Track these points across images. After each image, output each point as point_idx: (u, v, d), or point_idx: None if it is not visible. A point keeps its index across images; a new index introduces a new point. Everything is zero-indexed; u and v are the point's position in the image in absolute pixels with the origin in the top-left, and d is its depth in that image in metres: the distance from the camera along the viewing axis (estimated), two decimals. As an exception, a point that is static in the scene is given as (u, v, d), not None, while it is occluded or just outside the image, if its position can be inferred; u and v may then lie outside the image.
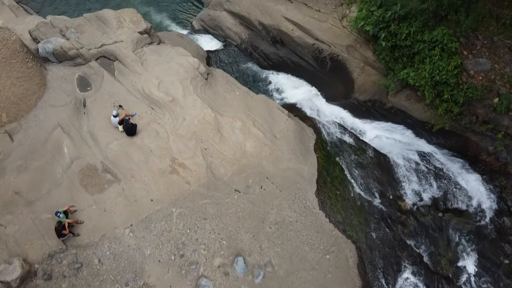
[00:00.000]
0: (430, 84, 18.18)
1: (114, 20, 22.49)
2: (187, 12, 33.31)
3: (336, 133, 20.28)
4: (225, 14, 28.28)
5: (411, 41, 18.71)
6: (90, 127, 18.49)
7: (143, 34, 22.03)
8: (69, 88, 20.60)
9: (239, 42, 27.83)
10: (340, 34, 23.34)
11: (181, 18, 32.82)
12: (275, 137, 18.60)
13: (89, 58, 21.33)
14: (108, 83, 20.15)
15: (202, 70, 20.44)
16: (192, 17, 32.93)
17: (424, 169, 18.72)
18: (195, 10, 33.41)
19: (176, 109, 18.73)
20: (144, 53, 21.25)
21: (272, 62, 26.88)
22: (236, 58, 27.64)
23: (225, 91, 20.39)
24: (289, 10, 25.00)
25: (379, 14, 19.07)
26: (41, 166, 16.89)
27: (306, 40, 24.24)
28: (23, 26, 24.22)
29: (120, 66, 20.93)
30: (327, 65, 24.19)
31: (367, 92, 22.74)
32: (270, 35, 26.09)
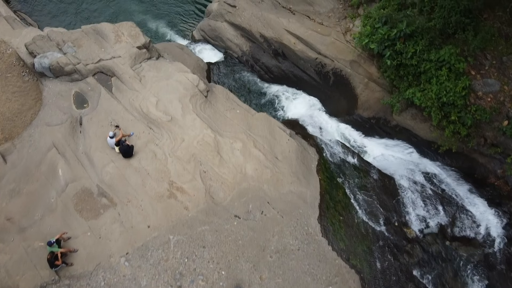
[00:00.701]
0: (437, 106, 17.50)
1: (112, 34, 21.84)
2: (187, 21, 32.67)
3: (339, 153, 19.60)
4: (226, 25, 27.62)
5: (417, 60, 18.02)
6: (86, 148, 17.85)
7: (141, 49, 21.36)
8: (65, 105, 19.96)
9: (240, 54, 27.18)
10: (344, 49, 22.68)
11: (181, 28, 32.17)
12: (276, 159, 17.94)
13: (86, 74, 20.68)
14: (105, 100, 19.50)
15: (201, 88, 19.78)
16: (193, 27, 32.29)
17: (430, 192, 18.04)
18: (196, 20, 32.77)
19: (175, 129, 18.08)
20: (142, 69, 20.59)
21: (273, 75, 26.22)
22: (237, 70, 26.97)
23: (226, 109, 19.73)
24: (291, 23, 24.34)
25: (384, 32, 18.39)
26: (34, 190, 16.26)
27: (308, 54, 23.58)
28: (20, 38, 23.60)
29: (118, 82, 20.28)
30: (330, 80, 23.54)
31: (371, 109, 22.07)
32: (272, 48, 25.44)
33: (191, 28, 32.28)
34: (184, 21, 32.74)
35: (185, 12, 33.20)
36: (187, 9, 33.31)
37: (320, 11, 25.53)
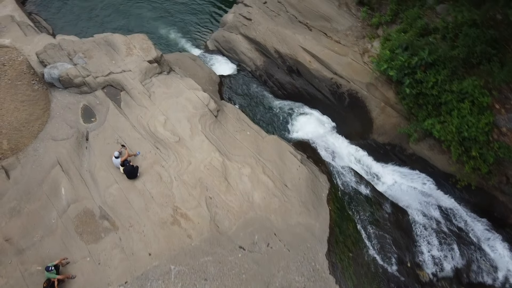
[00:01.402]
0: (457, 140, 16.55)
1: (124, 47, 21.31)
2: (202, 30, 32.06)
3: (351, 181, 18.76)
4: (240, 38, 26.95)
5: (438, 90, 17.10)
6: (91, 166, 17.30)
7: (152, 63, 20.78)
8: (72, 119, 19.47)
9: (253, 68, 26.47)
10: (361, 70, 21.82)
11: (195, 36, 31.57)
12: (285, 186, 17.18)
13: (95, 87, 20.17)
14: (113, 116, 18.95)
15: (212, 107, 19.11)
16: (207, 36, 31.69)
17: (446, 229, 17.10)
18: (210, 29, 32.16)
19: (182, 151, 17.44)
20: (152, 85, 20.00)
21: (287, 92, 25.45)
22: (250, 85, 26.27)
23: (236, 130, 19.03)
24: (307, 40, 23.55)
25: (404, 59, 17.49)
26: (35, 210, 15.74)
27: (323, 74, 22.77)
28: (31, 46, 23.23)
29: (127, 97, 19.72)
30: (345, 101, 22.68)
31: (387, 135, 21.15)
32: (286, 64, 24.67)
33: (205, 38, 31.69)
34: (199, 30, 32.18)
35: (200, 21, 32.65)
36: (202, 18, 32.79)
37: (338, 28, 24.71)
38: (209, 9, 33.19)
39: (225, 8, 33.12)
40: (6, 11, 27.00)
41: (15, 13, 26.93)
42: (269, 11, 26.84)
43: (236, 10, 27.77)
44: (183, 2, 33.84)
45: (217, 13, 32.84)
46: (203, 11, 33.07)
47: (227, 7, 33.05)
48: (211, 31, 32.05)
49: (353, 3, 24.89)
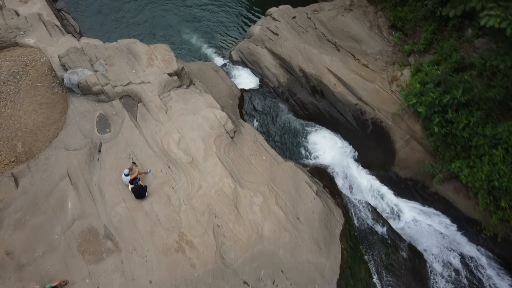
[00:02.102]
0: (486, 189, 15.34)
1: (145, 57, 20.80)
2: (227, 39, 31.36)
3: (367, 218, 17.74)
4: (265, 52, 26.14)
5: (469, 132, 15.90)
6: (100, 180, 16.83)
7: (172, 76, 20.19)
8: (87, 128, 19.07)
9: (276, 85, 25.64)
10: (387, 99, 20.74)
11: (220, 45, 30.91)
12: (298, 220, 16.31)
13: (113, 97, 19.72)
14: (128, 129, 18.45)
15: (229, 128, 18.38)
16: (232, 45, 30.99)
17: (465, 281, 15.92)
18: (236, 38, 31.45)
19: (194, 173, 16.77)
20: (170, 99, 19.42)
21: (308, 112, 24.54)
22: (271, 101, 25.45)
23: (251, 154, 18.25)
24: (334, 62, 22.57)
25: (436, 97, 16.34)
26: (39, 224, 15.34)
27: (348, 99, 21.77)
28: (55, 47, 22.98)
29: (144, 110, 19.20)
30: (368, 128, 21.63)
31: (409, 169, 20.01)
32: (310, 84, 23.76)
33: (230, 46, 31.02)
34: (224, 39, 31.51)
35: (226, 29, 31.97)
36: (229, 26, 32.10)
37: (367, 51, 23.65)
38: (237, 18, 32.54)
39: (254, 19, 32.41)
40: (35, 8, 26.94)
41: (43, 11, 26.84)
42: (297, 26, 25.96)
43: (263, 23, 26.98)
44: (211, 9, 33.31)
45: (245, 23, 32.19)
46: (230, 19, 32.45)
47: (256, 17, 32.34)
48: (236, 40, 31.39)
49: (386, 26, 23.80)
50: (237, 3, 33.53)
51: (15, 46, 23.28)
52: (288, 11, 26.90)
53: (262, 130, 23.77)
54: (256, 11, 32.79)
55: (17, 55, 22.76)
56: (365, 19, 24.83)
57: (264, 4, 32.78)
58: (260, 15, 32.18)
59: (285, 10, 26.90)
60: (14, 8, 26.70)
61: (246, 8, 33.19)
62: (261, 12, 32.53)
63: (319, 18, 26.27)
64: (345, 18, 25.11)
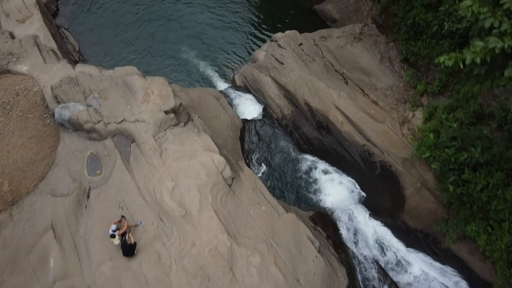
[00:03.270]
0: (506, 260, 13.90)
1: (141, 91, 19.54)
2: (231, 61, 29.88)
3: (373, 279, 16.37)
4: (269, 81, 24.77)
5: (488, 195, 14.44)
6: (87, 232, 15.59)
7: (169, 113, 18.91)
8: (77, 169, 17.86)
9: (280, 116, 24.28)
10: (398, 142, 19.31)
11: (223, 67, 29.51)
12: (298, 282, 14.97)
13: (105, 135, 18.49)
14: (119, 172, 17.20)
15: (227, 175, 17.06)
16: (237, 66, 29.62)
17: None
18: (240, 60, 30.03)
19: (187, 228, 15.48)
20: (166, 140, 18.14)
21: (313, 148, 23.15)
22: (274, 134, 24.09)
23: (250, 203, 16.94)
24: (342, 98, 21.16)
25: (451, 154, 14.89)
26: (18, 286, 14.16)
27: (355, 139, 20.37)
28: (49, 75, 21.85)
29: (137, 151, 17.95)
30: (376, 170, 20.20)
31: (420, 220, 18.57)
32: (316, 119, 22.38)
33: (234, 66, 29.64)
34: (228, 60, 30.07)
35: (231, 50, 30.52)
36: (234, 47, 30.59)
37: (377, 85, 22.22)
38: (244, 36, 30.88)
39: (262, 37, 30.80)
40: (32, 29, 25.79)
41: (40, 32, 25.69)
42: (304, 55, 24.56)
43: (268, 49, 25.58)
44: (216, 26, 31.86)
45: (252, 42, 30.53)
46: (236, 40, 30.96)
47: (264, 36, 30.79)
48: (242, 60, 29.98)
49: (397, 59, 22.34)
50: (244, 20, 32.05)
51: (7, 74, 22.19)
52: (295, 37, 25.50)
53: (264, 169, 22.49)
54: (264, 29, 31.25)
55: (9, 83, 21.65)
56: (376, 50, 23.38)
57: (273, 22, 31.43)
58: (268, 34, 30.74)
59: (292, 36, 25.51)
60: (10, 29, 25.64)
61: (253, 26, 31.64)
62: (269, 30, 31.05)
63: (327, 46, 24.86)
64: (354, 49, 23.68)
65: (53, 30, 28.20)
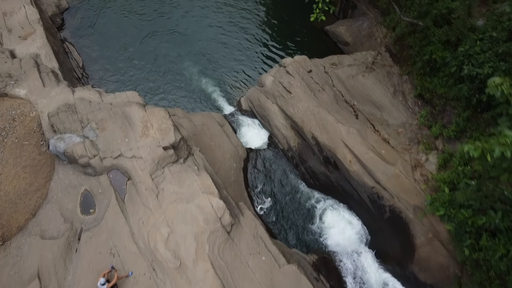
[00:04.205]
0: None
1: (140, 124, 18.56)
2: (238, 82, 28.80)
3: None
4: (276, 109, 23.66)
5: (507, 264, 13.22)
6: (75, 282, 14.65)
7: (168, 149, 17.89)
8: (69, 207, 16.93)
9: (285, 147, 23.16)
10: (409, 188, 18.11)
11: (229, 89, 28.45)
12: None
13: (101, 171, 17.55)
14: (113, 214, 16.24)
15: (226, 221, 16.01)
16: (243, 88, 28.58)
17: None
18: (248, 80, 28.92)
19: (181, 282, 14.45)
20: (163, 179, 17.13)
21: (319, 183, 22.02)
22: (279, 166, 23.02)
23: (249, 253, 15.88)
24: (351, 135, 19.97)
25: (468, 216, 13.67)
26: None
27: (364, 180, 19.18)
28: (47, 100, 20.96)
29: (133, 190, 16.98)
30: (385, 214, 19.02)
31: (430, 273, 17.37)
32: (323, 154, 21.23)
33: (241, 88, 28.62)
34: (234, 81, 29.00)
35: (239, 70, 29.44)
36: (243, 67, 29.43)
37: (389, 121, 21.02)
38: (252, 56, 29.80)
39: (272, 56, 29.67)
40: (34, 47, 24.96)
41: (42, 50, 24.84)
42: (313, 83, 23.43)
43: (276, 75, 24.46)
44: (223, 43, 30.74)
45: (259, 64, 29.50)
46: (244, 58, 29.79)
47: (274, 55, 29.68)
48: (248, 82, 28.96)
49: (411, 94, 21.11)
50: (254, 37, 30.91)
51: (4, 97, 21.34)
52: (304, 63, 24.38)
53: (267, 202, 21.44)
54: (274, 48, 30.08)
55: (5, 108, 20.81)
56: (389, 82, 22.17)
57: (283, 41, 30.31)
58: (278, 52, 29.64)
59: (301, 62, 24.39)
60: (11, 46, 24.83)
61: (263, 44, 30.46)
62: (279, 49, 29.92)
63: (337, 75, 23.71)
64: (366, 80, 22.50)
65: (56, 47, 27.40)
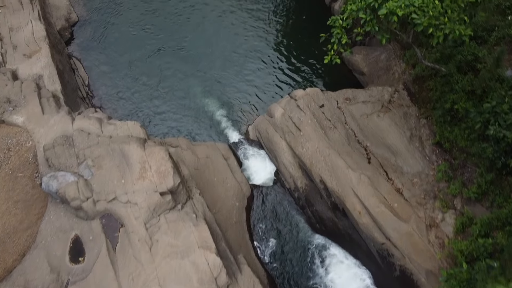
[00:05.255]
0: None
1: (138, 165, 17.48)
2: (247, 106, 27.29)
3: None
4: (284, 145, 22.36)
5: None
6: None
7: (165, 195, 16.75)
8: (58, 254, 15.94)
9: (292, 187, 21.89)
10: (422, 250, 16.71)
11: (238, 115, 27.07)
12: None
13: (93, 216, 16.51)
14: (102, 266, 15.19)
15: (221, 282, 14.81)
16: (252, 113, 27.19)
17: None
18: (258, 105, 27.45)
19: None
20: (158, 228, 16.00)
21: (326, 228, 20.73)
22: (284, 207, 21.81)
23: (245, 317, 14.70)
24: (362, 184, 18.62)
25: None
26: None
27: (374, 234, 17.84)
28: (45, 129, 20.06)
29: (125, 240, 15.90)
30: (394, 272, 17.66)
31: None
32: (331, 200, 19.93)
33: (250, 112, 27.26)
34: (244, 107, 27.61)
35: (249, 94, 28.04)
36: (254, 91, 27.93)
37: (404, 168, 19.59)
38: (265, 80, 28.15)
39: (283, 82, 28.28)
40: (37, 66, 24.08)
41: (45, 71, 23.96)
42: (325, 119, 22.08)
43: (286, 107, 23.12)
44: (233, 62, 29.40)
45: (273, 89, 28.01)
46: (256, 82, 28.20)
47: (285, 82, 28.29)
48: (258, 107, 27.49)
49: (429, 141, 19.64)
50: (268, 57, 29.44)
51: (1, 124, 20.51)
52: (316, 97, 23.04)
53: (270, 246, 20.27)
54: (287, 70, 28.51)
55: (1, 136, 19.98)
56: (405, 125, 20.72)
57: (297, 64, 28.85)
58: (291, 75, 28.14)
59: (313, 96, 23.06)
60: (15, 65, 24.02)
61: (276, 66, 28.86)
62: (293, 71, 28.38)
63: (350, 112, 22.33)
64: (381, 121, 21.08)
65: (62, 65, 26.53)
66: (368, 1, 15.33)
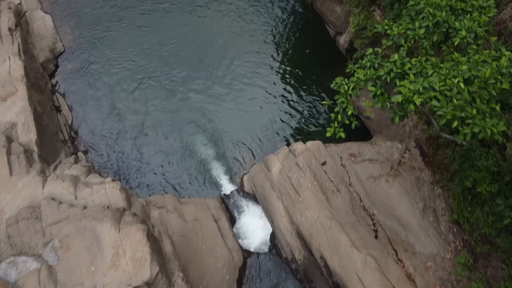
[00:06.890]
0: None
1: (111, 250, 15.10)
2: (243, 156, 24.91)
3: None
4: (281, 209, 19.95)
5: None
6: None
7: (141, 289, 14.47)
8: None
9: (289, 257, 19.50)
10: None
11: (232, 162, 24.69)
12: None
13: (56, 316, 14.22)
14: None
15: None
16: (247, 163, 24.80)
17: None
18: (254, 154, 25.13)
19: None
20: (130, 333, 13.71)
21: (326, 310, 18.29)
22: (280, 279, 19.49)
23: None
24: (368, 268, 16.22)
25: None
26: None
27: (380, 332, 15.36)
28: (11, 195, 17.76)
29: None
30: None
31: None
32: (332, 280, 17.51)
33: (246, 161, 24.82)
34: (241, 148, 25.14)
35: (246, 135, 25.60)
36: (252, 131, 25.52)
37: (416, 247, 17.14)
38: (263, 123, 25.62)
39: (285, 123, 25.81)
40: (10, 113, 21.71)
41: (20, 118, 21.61)
42: (327, 181, 19.62)
43: (284, 163, 20.66)
44: (233, 103, 26.99)
45: (271, 134, 25.54)
46: (254, 124, 25.67)
47: (286, 123, 25.82)
48: (255, 154, 25.07)
49: (445, 216, 17.17)
50: (267, 92, 27.03)
51: (-38, 189, 18.12)
52: (318, 153, 20.57)
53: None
54: (290, 108, 26.18)
55: (-40, 204, 17.61)
56: (417, 194, 18.25)
57: (301, 105, 26.41)
58: (293, 114, 25.72)
59: (314, 151, 20.59)
60: (-14, 111, 21.67)
61: (277, 106, 26.48)
62: (296, 109, 26.00)
63: (356, 171, 19.88)
64: (390, 188, 18.62)
65: (41, 106, 24.16)
66: (379, 73, 12.89)
